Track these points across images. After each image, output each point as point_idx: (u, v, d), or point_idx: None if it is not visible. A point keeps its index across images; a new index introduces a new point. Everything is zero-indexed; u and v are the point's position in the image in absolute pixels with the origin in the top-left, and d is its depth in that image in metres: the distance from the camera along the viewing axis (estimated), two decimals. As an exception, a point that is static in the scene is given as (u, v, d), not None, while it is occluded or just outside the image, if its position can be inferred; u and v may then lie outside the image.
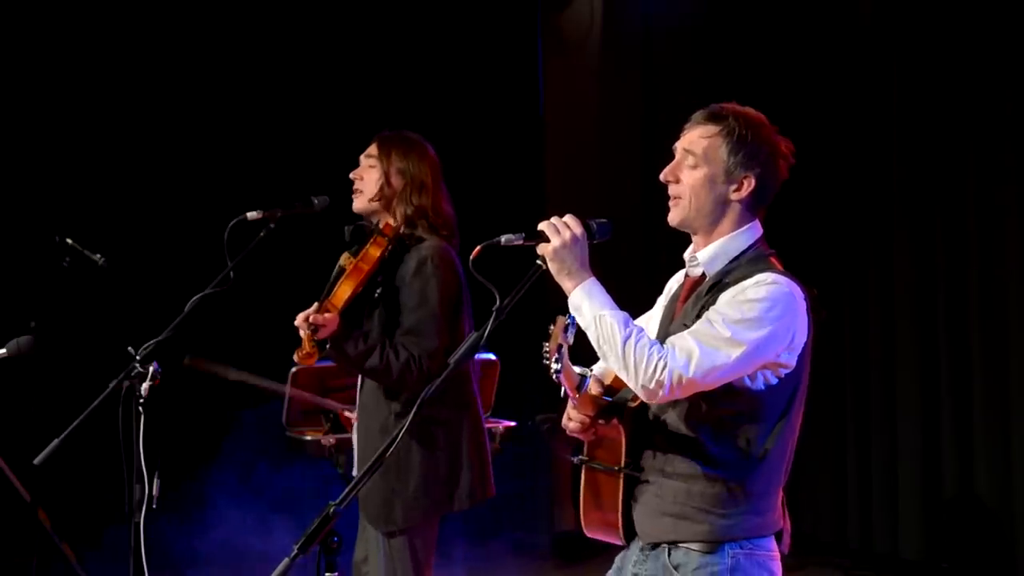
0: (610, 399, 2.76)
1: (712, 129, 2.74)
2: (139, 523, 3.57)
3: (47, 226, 5.31)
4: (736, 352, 2.57)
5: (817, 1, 6.84)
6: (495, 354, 5.46)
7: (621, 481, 2.73)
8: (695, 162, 2.73)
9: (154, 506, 3.57)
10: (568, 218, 2.67)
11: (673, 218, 2.77)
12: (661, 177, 2.78)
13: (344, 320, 3.76)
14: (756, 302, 2.60)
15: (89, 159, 6.56)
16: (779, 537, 2.76)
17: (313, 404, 4.92)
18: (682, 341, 2.59)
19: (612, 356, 2.60)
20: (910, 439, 6.27)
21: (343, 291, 3.78)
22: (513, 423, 5.60)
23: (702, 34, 7.43)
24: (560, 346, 2.53)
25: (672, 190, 2.77)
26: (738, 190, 2.72)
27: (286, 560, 2.42)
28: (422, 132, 4.23)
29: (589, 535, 2.89)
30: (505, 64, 7.27)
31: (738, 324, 2.58)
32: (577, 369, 2.66)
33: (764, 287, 2.63)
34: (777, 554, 2.74)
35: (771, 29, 7.01)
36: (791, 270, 2.75)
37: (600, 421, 2.74)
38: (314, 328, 3.66)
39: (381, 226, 3.90)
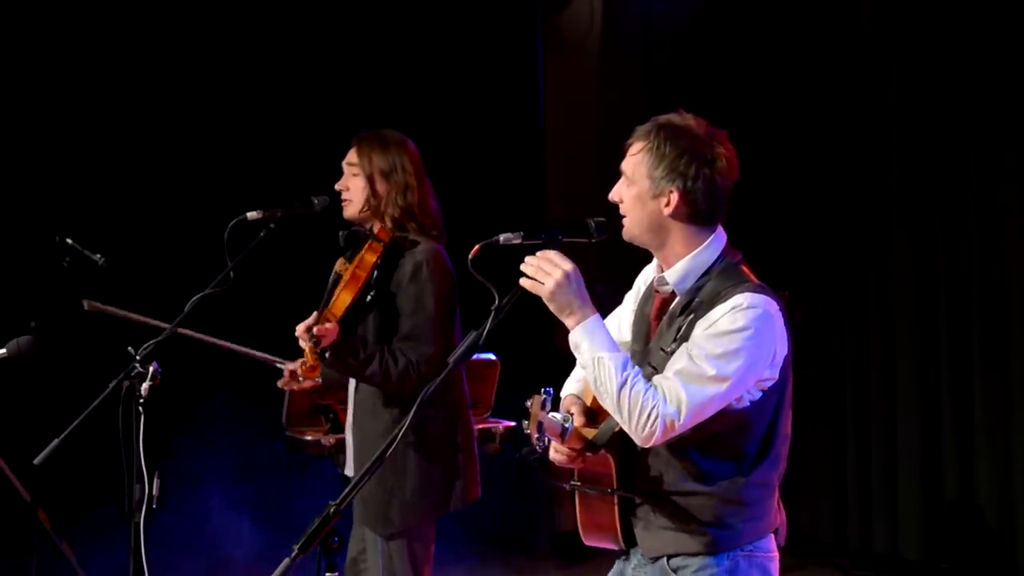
0: (595, 431, 2.75)
1: (639, 146, 2.72)
2: (139, 523, 3.57)
3: (47, 226, 5.31)
4: (723, 387, 2.57)
5: (817, 2, 6.84)
6: (495, 354, 5.47)
7: (616, 503, 2.75)
8: (627, 182, 2.73)
9: (154, 506, 3.57)
10: (552, 255, 2.63)
11: (624, 235, 2.76)
12: (609, 198, 2.77)
13: (343, 328, 3.75)
14: (735, 333, 2.58)
15: (89, 159, 6.56)
16: (776, 533, 2.77)
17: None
18: (669, 384, 2.58)
19: (608, 400, 2.60)
20: (910, 439, 6.27)
21: (343, 300, 3.77)
22: (513, 423, 5.60)
23: (702, 34, 7.43)
24: (540, 424, 2.56)
25: (620, 210, 2.76)
26: (668, 205, 2.68)
27: (286, 560, 2.42)
28: (422, 132, 4.22)
29: (588, 544, 2.89)
30: (505, 64, 7.27)
31: (720, 359, 2.56)
32: (558, 416, 2.67)
33: (740, 314, 2.60)
34: (775, 554, 2.75)
35: (771, 29, 7.01)
36: (792, 273, 2.74)
37: (587, 453, 2.74)
38: (316, 340, 3.65)
39: (376, 231, 3.89)
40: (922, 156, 6.26)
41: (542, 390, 2.58)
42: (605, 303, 2.90)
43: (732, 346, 2.57)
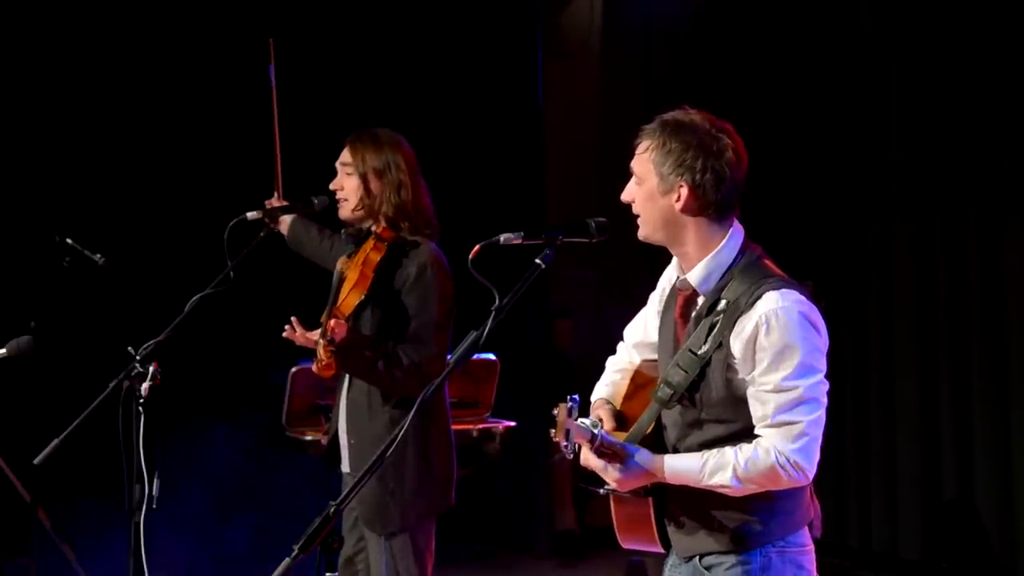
0: (626, 435, 2.74)
1: (646, 144, 2.72)
2: (139, 523, 3.57)
3: (47, 226, 5.31)
4: (819, 391, 2.60)
5: (817, 2, 6.84)
6: (495, 354, 5.47)
7: (651, 504, 2.74)
8: (637, 180, 2.73)
9: (154, 506, 3.57)
10: (590, 461, 2.64)
11: (639, 235, 2.77)
12: (621, 199, 2.77)
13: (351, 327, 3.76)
14: (788, 347, 2.58)
15: (89, 159, 6.56)
16: (810, 525, 2.77)
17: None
18: (770, 432, 2.58)
19: (750, 489, 2.61)
20: (909, 439, 6.27)
21: (352, 299, 3.77)
22: (513, 423, 5.60)
23: (702, 35, 7.43)
24: (568, 431, 2.56)
25: (633, 210, 2.76)
26: (678, 200, 2.67)
27: (287, 560, 2.41)
28: (423, 133, 4.21)
29: (626, 547, 2.89)
30: (505, 65, 7.27)
31: (796, 377, 2.57)
32: (586, 421, 2.66)
33: (780, 324, 2.58)
34: (810, 547, 2.75)
35: (771, 30, 7.01)
36: (790, 273, 2.72)
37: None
38: (331, 339, 3.65)
39: (379, 231, 3.89)
40: (922, 156, 6.26)
41: (568, 398, 2.58)
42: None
43: (796, 359, 2.57)
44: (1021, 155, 5.84)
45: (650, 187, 2.70)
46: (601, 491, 2.77)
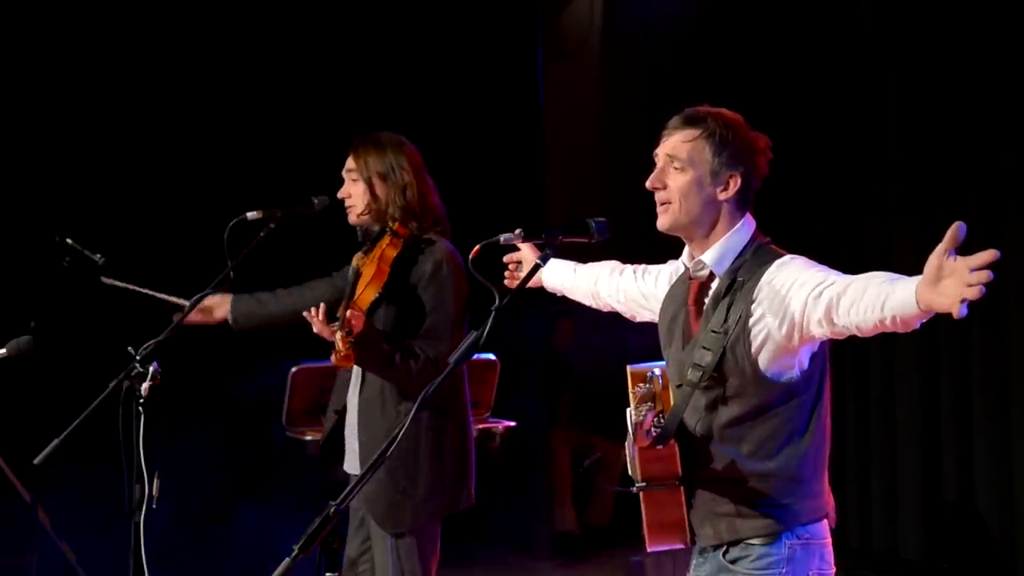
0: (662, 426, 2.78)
1: (693, 133, 2.77)
2: (139, 523, 3.57)
3: (47, 226, 5.31)
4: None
5: (817, 2, 6.84)
6: (494, 354, 5.47)
7: (682, 491, 2.77)
8: (681, 166, 2.77)
9: (154, 506, 3.57)
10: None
11: (663, 223, 2.81)
12: (647, 185, 2.82)
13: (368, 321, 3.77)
14: (810, 265, 2.68)
15: (89, 159, 6.56)
16: (827, 516, 2.80)
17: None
18: (844, 280, 2.58)
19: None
20: (910, 439, 6.27)
21: (369, 293, 3.79)
22: (513, 423, 5.60)
23: (702, 35, 7.43)
24: (660, 413, 2.61)
25: (659, 196, 2.80)
26: (725, 190, 2.76)
27: (287, 560, 2.42)
28: (423, 133, 4.22)
29: (652, 549, 2.89)
30: (505, 65, 7.27)
31: (827, 270, 2.64)
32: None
33: (789, 266, 2.68)
34: (829, 540, 2.78)
35: (771, 30, 7.02)
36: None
37: (659, 447, 2.75)
38: (348, 330, 3.66)
39: (395, 227, 3.91)
40: (922, 156, 6.26)
41: (654, 369, 2.63)
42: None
43: (817, 265, 2.67)
44: (1021, 155, 5.84)
45: (699, 174, 2.76)
46: (634, 490, 2.80)
